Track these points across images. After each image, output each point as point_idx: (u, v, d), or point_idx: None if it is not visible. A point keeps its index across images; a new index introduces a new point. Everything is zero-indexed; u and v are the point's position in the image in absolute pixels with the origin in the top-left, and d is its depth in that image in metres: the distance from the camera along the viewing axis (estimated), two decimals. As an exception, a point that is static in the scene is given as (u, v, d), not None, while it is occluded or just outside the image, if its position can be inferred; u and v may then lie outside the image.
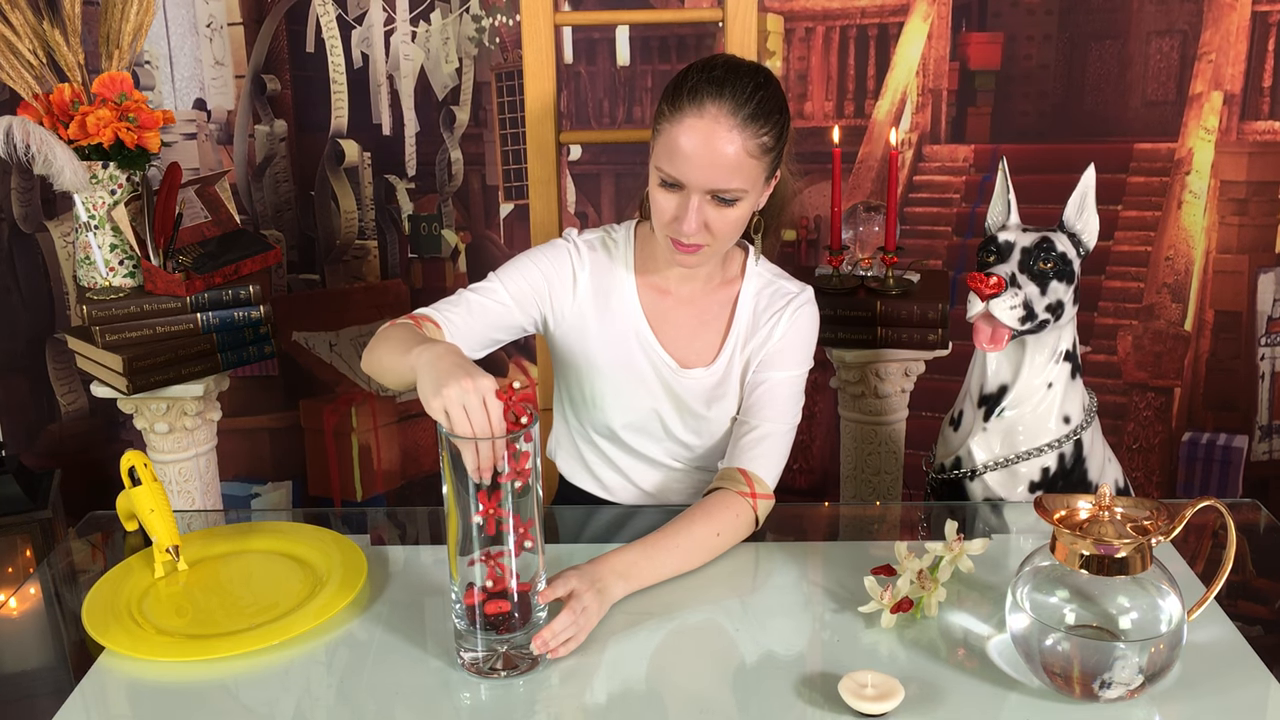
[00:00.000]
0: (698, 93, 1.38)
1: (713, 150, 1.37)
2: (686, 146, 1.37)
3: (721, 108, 1.37)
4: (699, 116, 1.37)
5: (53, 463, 2.52)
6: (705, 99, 1.38)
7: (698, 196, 1.39)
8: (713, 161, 1.37)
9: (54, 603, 1.42)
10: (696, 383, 1.55)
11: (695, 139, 1.37)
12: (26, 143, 1.86)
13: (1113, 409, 2.47)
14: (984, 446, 1.62)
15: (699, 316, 1.56)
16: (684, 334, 1.56)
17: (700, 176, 1.38)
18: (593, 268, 1.55)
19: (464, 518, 1.14)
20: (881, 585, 1.27)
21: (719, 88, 1.38)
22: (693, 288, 1.56)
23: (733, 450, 1.50)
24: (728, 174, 1.38)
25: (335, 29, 2.37)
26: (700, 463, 1.62)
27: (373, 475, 2.62)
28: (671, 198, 1.42)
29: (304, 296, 2.52)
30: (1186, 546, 1.43)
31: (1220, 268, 2.41)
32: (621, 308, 1.55)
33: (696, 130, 1.37)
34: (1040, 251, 1.53)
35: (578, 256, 1.55)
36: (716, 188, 1.39)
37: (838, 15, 2.33)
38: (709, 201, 1.40)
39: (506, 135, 2.43)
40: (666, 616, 1.30)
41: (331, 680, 1.19)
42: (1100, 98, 2.34)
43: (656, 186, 1.42)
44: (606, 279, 1.55)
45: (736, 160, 1.38)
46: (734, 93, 1.38)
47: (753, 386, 1.53)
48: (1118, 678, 1.09)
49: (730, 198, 1.40)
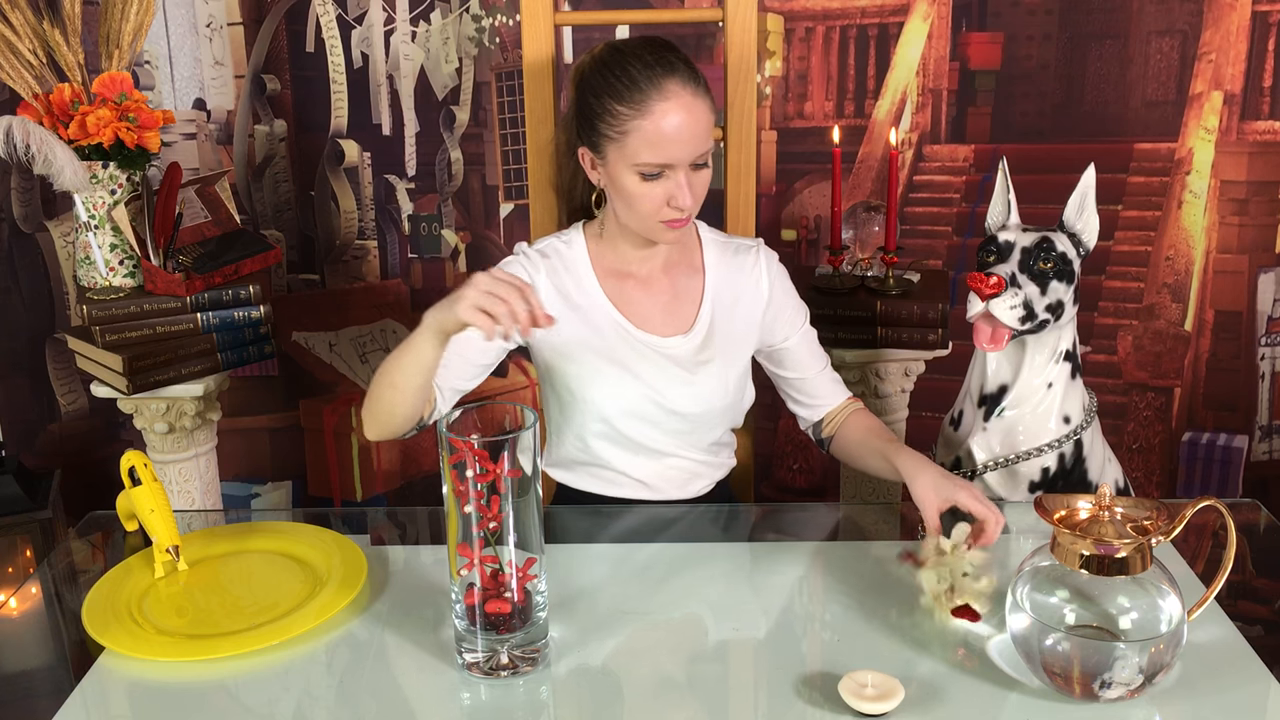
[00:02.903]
0: (653, 79, 1.44)
1: (695, 121, 1.44)
2: (670, 129, 1.43)
3: (682, 83, 1.44)
4: (666, 99, 1.43)
5: (53, 463, 2.52)
6: (663, 81, 1.43)
7: (684, 171, 1.45)
8: (695, 132, 1.44)
9: (54, 603, 1.42)
10: (678, 349, 1.58)
11: (676, 119, 1.43)
12: (26, 143, 1.86)
13: (1113, 409, 2.47)
14: (984, 446, 1.62)
15: (669, 290, 1.60)
16: (656, 310, 1.59)
17: (688, 151, 1.44)
18: (548, 272, 1.58)
19: (464, 518, 1.14)
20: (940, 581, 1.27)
21: (668, 67, 1.45)
22: (652, 266, 1.60)
23: (816, 393, 1.65)
24: (705, 137, 1.46)
25: (335, 29, 2.37)
26: (696, 439, 1.62)
27: (373, 475, 2.62)
28: (656, 185, 1.46)
29: (304, 296, 2.52)
30: (1186, 546, 1.43)
31: (1220, 268, 2.41)
32: (587, 301, 1.58)
33: (672, 111, 1.43)
34: (1040, 251, 1.53)
35: (531, 266, 1.58)
36: (699, 154, 1.46)
37: (838, 15, 2.33)
38: (690, 170, 1.47)
39: (506, 135, 2.43)
40: (666, 616, 1.30)
41: (331, 680, 1.19)
42: (1100, 98, 2.34)
43: (636, 182, 1.47)
44: (565, 279, 1.58)
45: (708, 122, 1.46)
46: (679, 64, 1.46)
47: (783, 355, 1.65)
48: (1118, 678, 1.09)
49: (705, 160, 1.48)
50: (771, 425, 2.55)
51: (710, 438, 1.63)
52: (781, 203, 2.43)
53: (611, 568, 1.42)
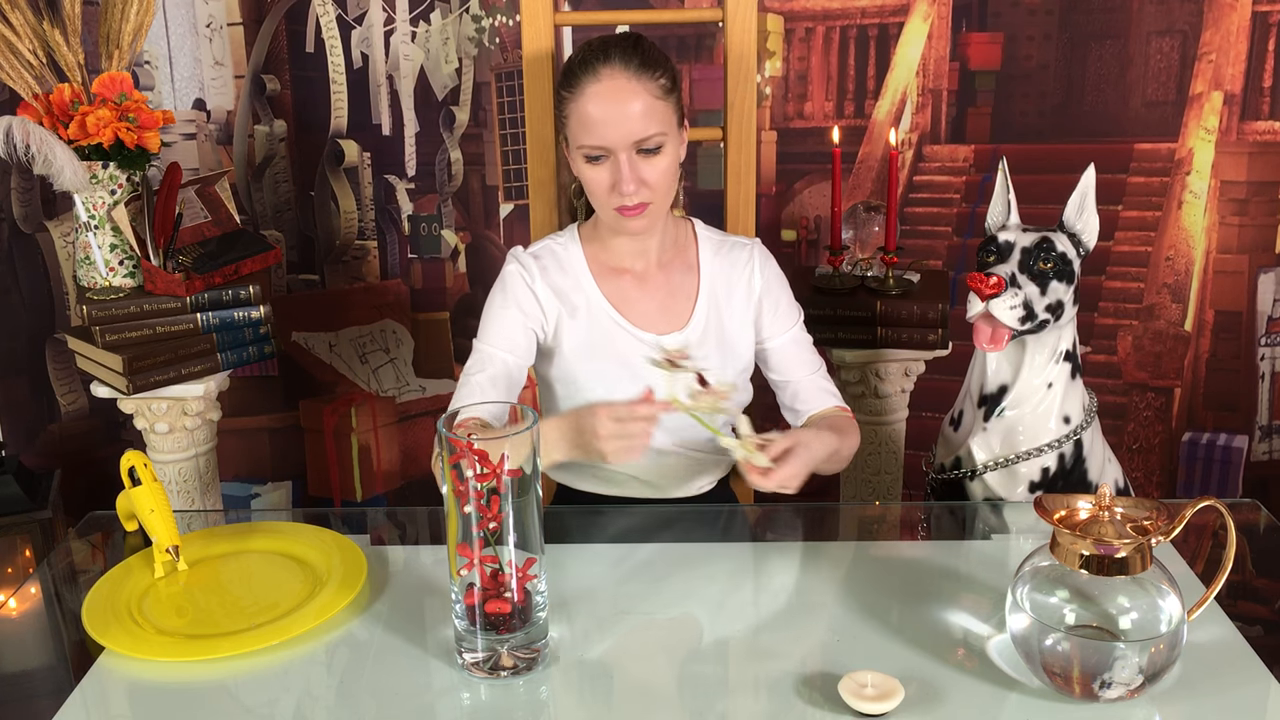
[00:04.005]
0: (587, 64, 1.48)
1: (622, 105, 1.46)
2: (597, 112, 1.46)
3: (613, 66, 1.47)
4: (597, 80, 1.47)
5: (53, 463, 2.52)
6: (596, 65, 1.48)
7: (625, 155, 1.47)
8: (625, 115, 1.46)
9: (54, 603, 1.42)
10: (675, 345, 1.58)
11: (602, 101, 1.46)
12: (26, 143, 1.86)
13: (1113, 409, 2.47)
14: (984, 446, 1.62)
15: (664, 287, 1.61)
16: (652, 307, 1.60)
17: (619, 133, 1.46)
18: (542, 275, 1.59)
19: (464, 518, 1.14)
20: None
21: (604, 52, 1.48)
22: (647, 262, 1.61)
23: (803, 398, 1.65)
24: (643, 122, 1.46)
25: (335, 29, 2.37)
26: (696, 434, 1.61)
27: (373, 475, 2.62)
28: (601, 169, 1.49)
29: (304, 297, 2.52)
30: (1186, 546, 1.43)
31: (1220, 268, 2.41)
32: (584, 301, 1.59)
33: (600, 93, 1.46)
34: (1040, 251, 1.54)
35: (527, 273, 1.59)
36: (637, 139, 1.47)
37: (838, 15, 2.33)
38: (636, 157, 1.48)
39: (506, 135, 2.43)
40: (666, 616, 1.30)
41: (331, 680, 1.19)
42: (1100, 98, 2.34)
43: (584, 167, 1.50)
44: (561, 280, 1.59)
45: (645, 107, 1.47)
46: (619, 51, 1.48)
47: (769, 355, 1.65)
48: (1118, 678, 1.09)
49: (653, 145, 1.48)
50: (772, 425, 2.55)
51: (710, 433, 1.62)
52: (781, 203, 2.43)
53: (611, 568, 1.42)
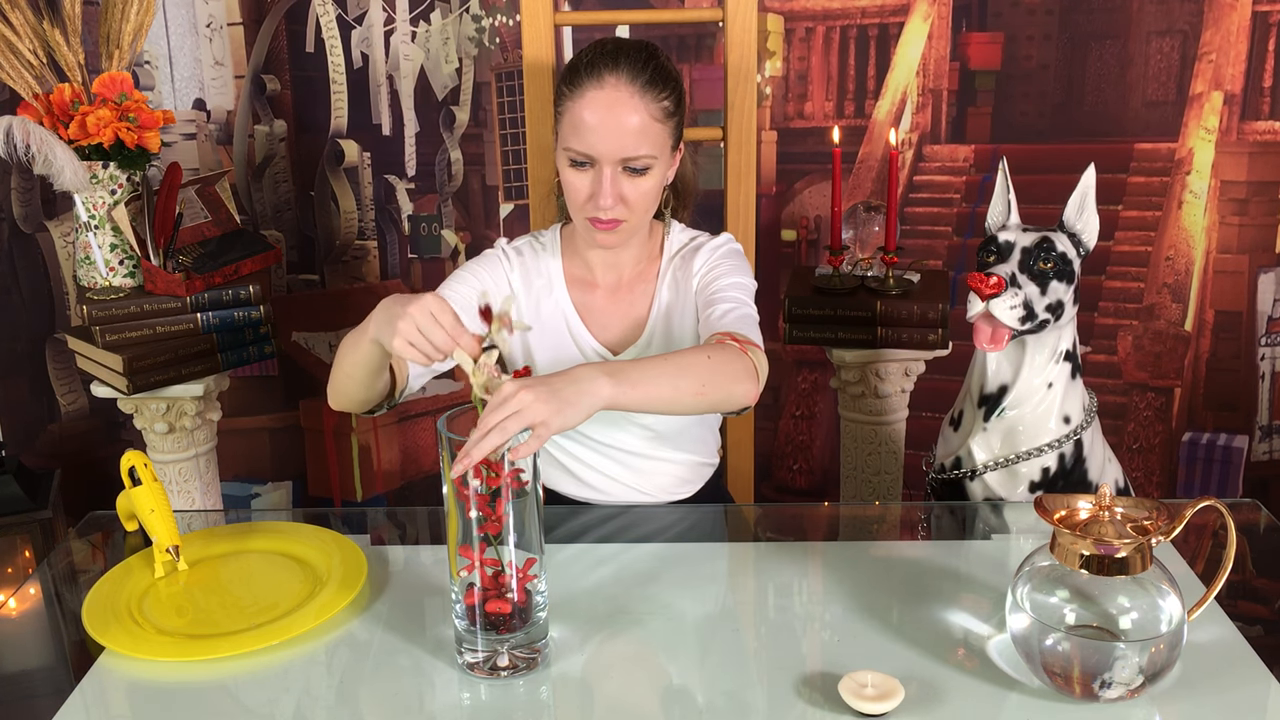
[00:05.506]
0: (595, 67, 1.42)
1: (618, 118, 1.41)
2: (591, 119, 1.41)
3: (620, 77, 1.41)
4: (599, 88, 1.41)
5: (53, 463, 2.52)
6: (603, 71, 1.42)
7: (610, 168, 1.43)
8: (619, 129, 1.41)
9: (54, 603, 1.42)
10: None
11: (599, 110, 1.41)
12: (26, 143, 1.86)
13: (1113, 409, 2.47)
14: (984, 446, 1.62)
15: (627, 299, 1.59)
16: (614, 321, 1.58)
17: (609, 146, 1.41)
18: (521, 270, 1.58)
19: (464, 518, 1.14)
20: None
21: (614, 59, 1.42)
22: (618, 275, 1.59)
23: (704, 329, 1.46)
24: (635, 140, 1.42)
25: (335, 29, 2.37)
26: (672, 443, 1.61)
27: (373, 475, 2.62)
28: (584, 176, 1.45)
29: (304, 296, 2.52)
30: (1186, 546, 1.43)
31: (1220, 268, 2.41)
32: (552, 304, 1.58)
33: (599, 101, 1.41)
34: (1040, 251, 1.53)
35: (507, 262, 1.58)
36: (626, 156, 1.42)
37: (838, 15, 2.33)
38: (621, 173, 1.43)
39: (506, 135, 2.43)
40: (666, 616, 1.30)
41: (331, 680, 1.19)
42: (1100, 98, 2.34)
43: (567, 168, 1.45)
44: (536, 279, 1.58)
45: (641, 126, 1.42)
46: (629, 62, 1.42)
47: (704, 305, 1.50)
48: (1118, 678, 1.09)
49: (640, 166, 1.43)
50: (771, 425, 2.55)
51: (685, 441, 1.62)
52: (781, 203, 2.43)
53: (612, 568, 1.42)
